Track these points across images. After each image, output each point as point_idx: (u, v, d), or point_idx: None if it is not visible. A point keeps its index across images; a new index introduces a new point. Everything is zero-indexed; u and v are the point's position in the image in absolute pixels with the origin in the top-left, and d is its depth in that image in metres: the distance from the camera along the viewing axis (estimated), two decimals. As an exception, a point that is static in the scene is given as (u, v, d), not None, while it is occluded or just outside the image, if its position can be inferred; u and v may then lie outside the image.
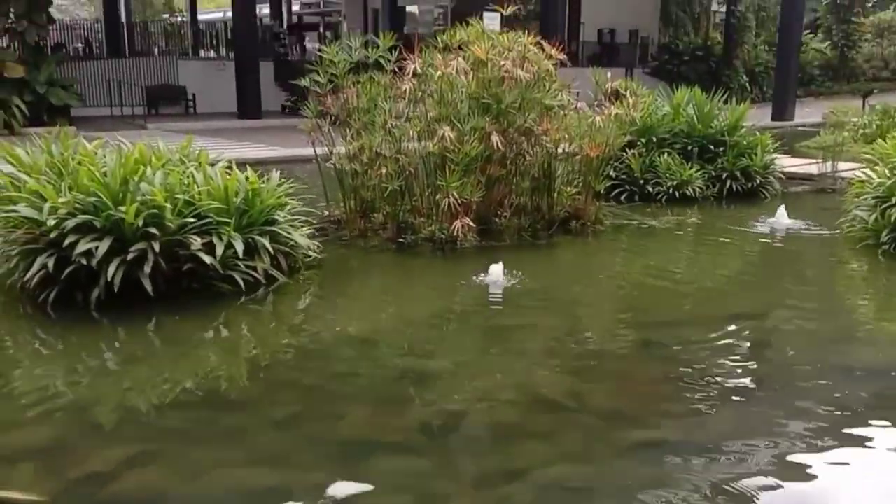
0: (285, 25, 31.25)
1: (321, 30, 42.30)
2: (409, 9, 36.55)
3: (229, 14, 34.71)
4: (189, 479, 3.69)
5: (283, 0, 36.83)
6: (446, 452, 4.06)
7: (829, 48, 35.83)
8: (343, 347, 5.55)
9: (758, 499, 3.56)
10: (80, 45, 31.21)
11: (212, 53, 34.77)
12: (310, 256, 7.07)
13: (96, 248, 5.55)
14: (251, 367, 5.26)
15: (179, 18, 40.33)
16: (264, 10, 35.02)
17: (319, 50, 8.77)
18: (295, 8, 41.93)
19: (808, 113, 25.22)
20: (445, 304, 6.63)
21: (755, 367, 5.34)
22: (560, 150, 8.75)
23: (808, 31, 34.76)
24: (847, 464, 3.95)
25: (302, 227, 7.13)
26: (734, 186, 10.78)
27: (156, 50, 31.64)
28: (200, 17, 39.37)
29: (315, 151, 8.69)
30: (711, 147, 10.96)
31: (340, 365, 5.23)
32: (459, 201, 7.57)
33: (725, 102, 11.55)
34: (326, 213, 8.95)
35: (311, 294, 6.77)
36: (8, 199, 6.10)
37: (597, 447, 4.09)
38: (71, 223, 5.59)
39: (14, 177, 6.32)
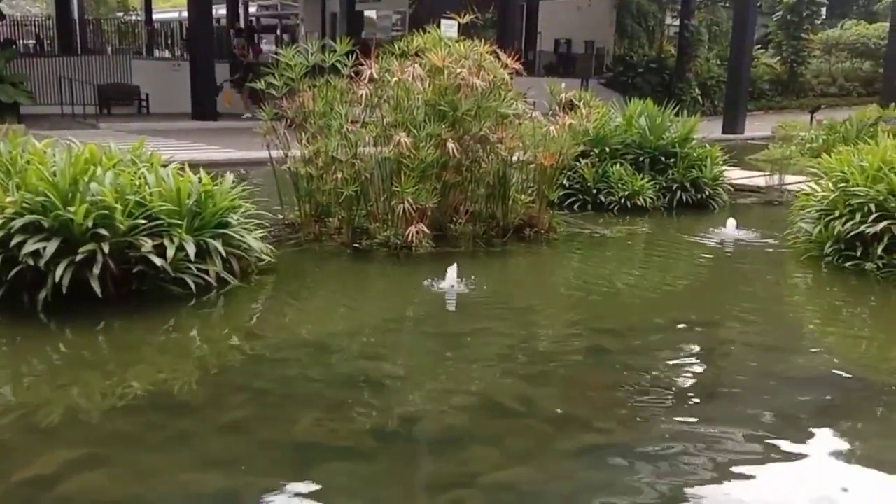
0: (235, 28, 30.96)
1: (278, 32, 42.08)
2: (367, 14, 36.55)
3: (185, 14, 34.36)
4: (136, 483, 3.65)
5: (239, 1, 36.49)
6: (397, 457, 4.07)
7: (779, 63, 36.62)
8: (295, 351, 5.52)
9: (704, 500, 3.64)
10: (31, 41, 30.65)
11: (166, 53, 34.40)
12: (263, 260, 7.02)
13: (44, 248, 5.45)
14: (201, 370, 5.20)
15: (134, 17, 39.77)
16: (221, 10, 34.69)
17: (276, 53, 8.75)
18: (252, 10, 41.63)
19: (757, 126, 25.75)
20: (399, 310, 6.65)
21: (702, 374, 5.45)
22: (515, 159, 8.84)
23: (759, 46, 35.49)
24: (789, 469, 4.05)
25: (255, 230, 7.08)
26: (684, 197, 10.98)
27: (109, 48, 31.19)
28: (155, 16, 38.87)
29: (270, 154, 8.65)
30: (663, 158, 11.15)
31: (292, 369, 5.22)
32: (415, 207, 7.59)
33: (677, 115, 11.78)
34: (281, 216, 8.91)
35: (264, 298, 6.74)
36: (-47, 198, 5.97)
37: (546, 451, 4.14)
38: (18, 223, 5.49)
39: (-41, 175, 6.19)
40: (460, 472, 3.87)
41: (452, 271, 6.85)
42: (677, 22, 34.26)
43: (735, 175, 12.75)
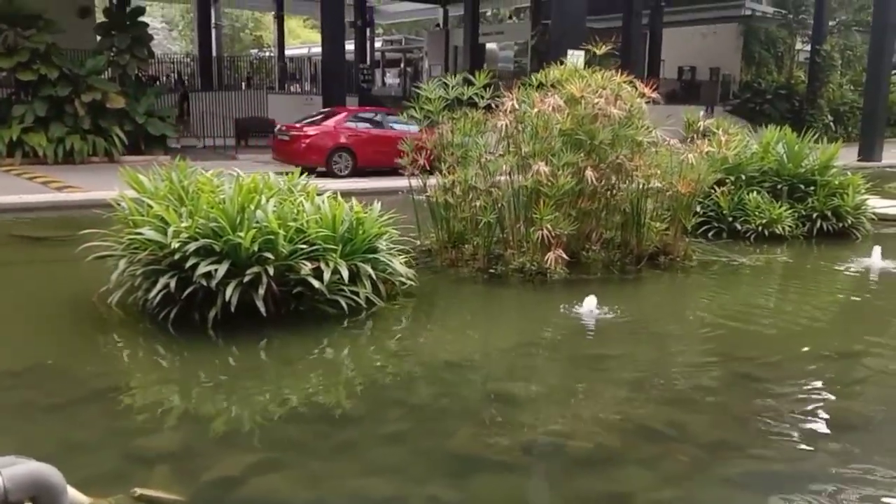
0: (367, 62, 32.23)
1: (402, 66, 43.30)
2: (489, 46, 37.15)
3: (314, 50, 35.86)
4: (312, 487, 3.93)
5: (366, 37, 37.80)
6: (550, 472, 4.22)
7: (919, 88, 34.92)
8: (442, 371, 5.75)
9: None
10: (173, 76, 32.65)
11: (296, 87, 35.91)
12: (405, 284, 7.30)
13: (215, 270, 5.89)
14: (358, 385, 5.52)
15: (267, 54, 41.76)
16: (348, 45, 36.03)
17: (416, 87, 9.13)
18: (378, 45, 43.02)
19: (895, 154, 24.66)
20: (539, 333, 6.79)
21: (852, 404, 5.33)
22: (650, 186, 8.87)
23: (896, 70, 34.03)
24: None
25: (400, 255, 7.38)
26: (824, 226, 10.71)
27: (243, 84, 32.86)
28: (286, 52, 40.70)
29: (410, 184, 9.01)
30: (801, 186, 10.92)
31: (441, 387, 5.44)
32: (553, 234, 7.74)
33: (816, 142, 11.50)
34: (418, 242, 9.22)
35: (409, 320, 7.02)
36: (132, 222, 6.53)
37: (701, 476, 4.18)
38: (192, 246, 5.95)
39: (138, 201, 6.75)
40: (615, 490, 3.97)
41: (591, 299, 6.95)
42: (808, 47, 33.28)
43: (877, 204, 12.29)
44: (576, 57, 15.86)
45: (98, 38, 20.28)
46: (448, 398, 5.25)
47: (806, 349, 6.46)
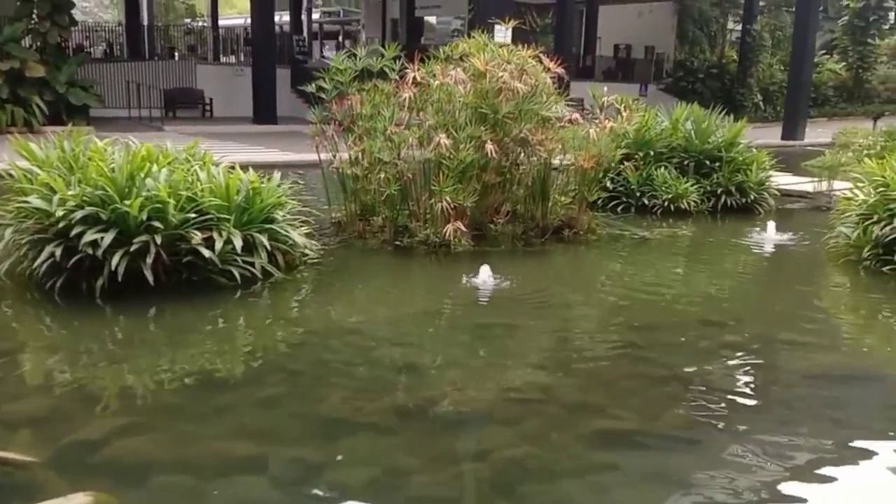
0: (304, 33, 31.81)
1: (340, 38, 42.91)
2: (427, 20, 36.98)
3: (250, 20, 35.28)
4: (174, 447, 4.00)
5: (303, 8, 37.29)
6: (416, 433, 4.34)
7: (845, 69, 35.89)
8: (331, 339, 5.83)
9: (700, 484, 3.84)
10: (102, 46, 31.84)
11: (231, 58, 35.33)
12: (308, 255, 7.35)
13: (101, 238, 5.87)
14: (242, 353, 5.58)
15: (201, 23, 40.94)
16: (285, 17, 35.51)
17: (325, 59, 9.12)
18: (315, 16, 42.48)
19: (819, 133, 25.29)
20: (434, 303, 6.92)
21: (724, 369, 5.57)
22: (556, 161, 9.03)
23: (824, 51, 34.87)
24: (784, 456, 4.20)
25: (301, 226, 7.42)
26: (729, 201, 11.03)
27: (175, 54, 32.22)
28: (221, 22, 39.94)
29: (319, 156, 9.02)
30: (707, 162, 11.22)
31: (326, 354, 5.53)
32: (452, 206, 7.85)
33: (727, 115, 11.82)
34: (333, 215, 9.26)
35: (306, 290, 7.07)
36: (21, 190, 6.46)
37: (558, 434, 4.36)
38: (78, 215, 5.92)
39: (28, 171, 6.66)
40: (474, 448, 4.14)
41: (486, 269, 7.10)
42: (740, 27, 33.90)
43: (783, 180, 12.70)
44: (503, 32, 15.95)
45: (18, 3, 19.69)
46: (330, 365, 5.33)
47: (692, 318, 6.69)
